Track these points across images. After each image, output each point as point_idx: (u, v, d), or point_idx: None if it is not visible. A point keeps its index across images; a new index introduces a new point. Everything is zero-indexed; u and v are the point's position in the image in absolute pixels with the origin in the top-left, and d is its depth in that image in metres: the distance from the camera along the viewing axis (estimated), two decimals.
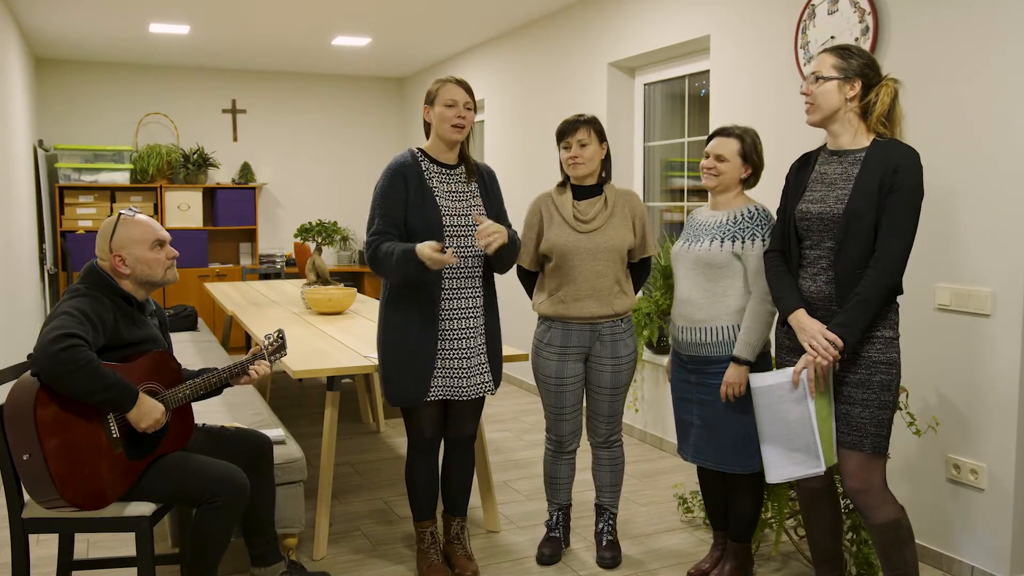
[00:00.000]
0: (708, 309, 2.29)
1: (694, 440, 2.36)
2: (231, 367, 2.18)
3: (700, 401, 2.34)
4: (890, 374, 1.97)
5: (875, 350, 1.97)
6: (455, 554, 2.54)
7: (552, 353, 2.53)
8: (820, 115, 2.02)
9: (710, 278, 2.29)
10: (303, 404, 4.69)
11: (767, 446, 2.10)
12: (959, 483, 2.49)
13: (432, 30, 5.12)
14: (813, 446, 2.00)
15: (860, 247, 1.94)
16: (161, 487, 2.00)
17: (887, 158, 1.93)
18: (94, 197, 5.94)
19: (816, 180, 2.06)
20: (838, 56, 2.00)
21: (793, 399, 2.01)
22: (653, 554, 2.68)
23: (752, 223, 2.27)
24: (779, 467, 2.07)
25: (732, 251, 2.26)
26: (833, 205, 1.98)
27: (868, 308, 1.91)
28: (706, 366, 2.32)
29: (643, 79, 4.14)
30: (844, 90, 1.98)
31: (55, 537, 2.70)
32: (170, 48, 5.67)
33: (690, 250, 2.33)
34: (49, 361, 1.79)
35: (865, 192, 1.93)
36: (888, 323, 1.98)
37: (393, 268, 2.25)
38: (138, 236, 2.06)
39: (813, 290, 2.02)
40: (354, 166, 7.03)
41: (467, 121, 2.34)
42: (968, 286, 2.44)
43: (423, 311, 2.32)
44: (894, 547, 2.00)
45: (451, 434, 2.50)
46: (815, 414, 1.99)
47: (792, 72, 3.06)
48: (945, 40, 2.49)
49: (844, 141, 2.03)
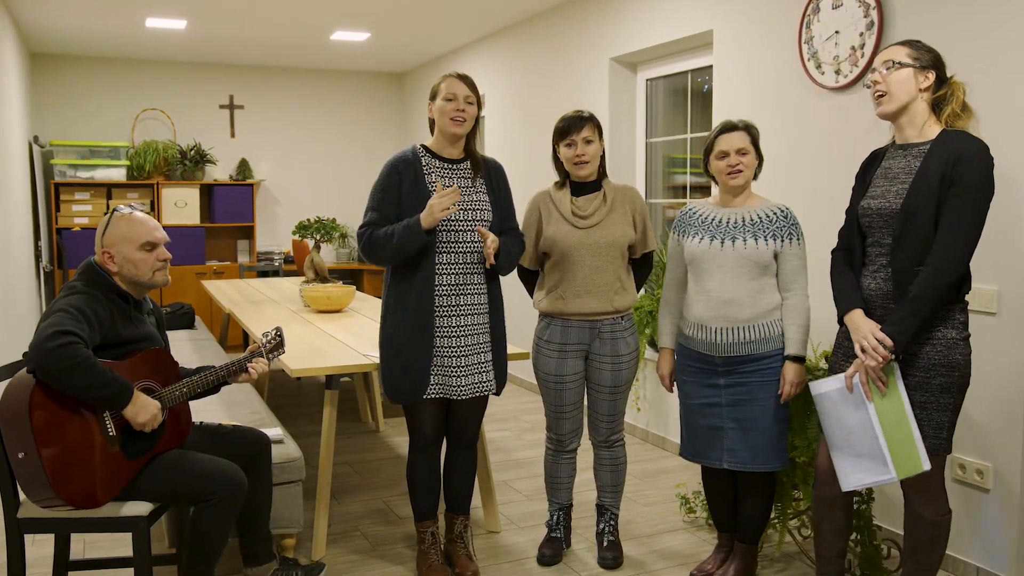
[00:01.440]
0: (753, 308, 2.25)
1: (728, 445, 2.30)
2: (228, 365, 2.17)
3: (733, 403, 2.29)
4: (951, 377, 1.89)
5: (936, 352, 1.89)
6: (457, 554, 2.52)
7: (552, 350, 2.51)
8: (895, 104, 1.92)
9: (753, 276, 2.26)
10: (302, 403, 4.68)
11: (835, 453, 2.02)
12: (964, 483, 2.47)
13: (432, 25, 5.09)
14: (879, 453, 1.92)
15: (918, 243, 1.86)
16: (158, 485, 1.99)
17: (950, 150, 1.85)
18: (90, 194, 5.90)
19: (880, 175, 2.00)
20: (910, 47, 1.93)
21: (852, 404, 1.96)
22: (655, 555, 2.67)
23: (787, 222, 2.28)
24: (848, 475, 1.99)
25: (774, 249, 2.26)
26: (892, 200, 1.92)
27: (921, 307, 1.84)
28: (742, 365, 2.27)
29: (645, 74, 4.12)
30: (918, 79, 1.91)
31: (51, 537, 2.68)
32: (167, 43, 5.64)
33: (727, 248, 2.26)
34: (45, 358, 1.78)
35: (925, 185, 1.85)
36: (952, 323, 1.89)
37: (395, 246, 2.23)
38: (129, 235, 2.05)
39: (873, 288, 1.97)
40: (353, 163, 6.99)
41: (467, 115, 2.31)
42: (973, 284, 2.41)
43: (419, 308, 2.30)
44: (929, 544, 1.98)
45: (453, 434, 2.48)
46: (877, 419, 1.92)
47: (796, 67, 3.04)
48: (952, 36, 2.47)
49: (911, 134, 1.95)
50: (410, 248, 2.25)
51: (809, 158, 2.99)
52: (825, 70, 2.89)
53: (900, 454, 1.91)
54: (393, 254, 2.26)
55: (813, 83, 2.95)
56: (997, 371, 2.38)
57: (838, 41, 2.83)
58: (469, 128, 2.34)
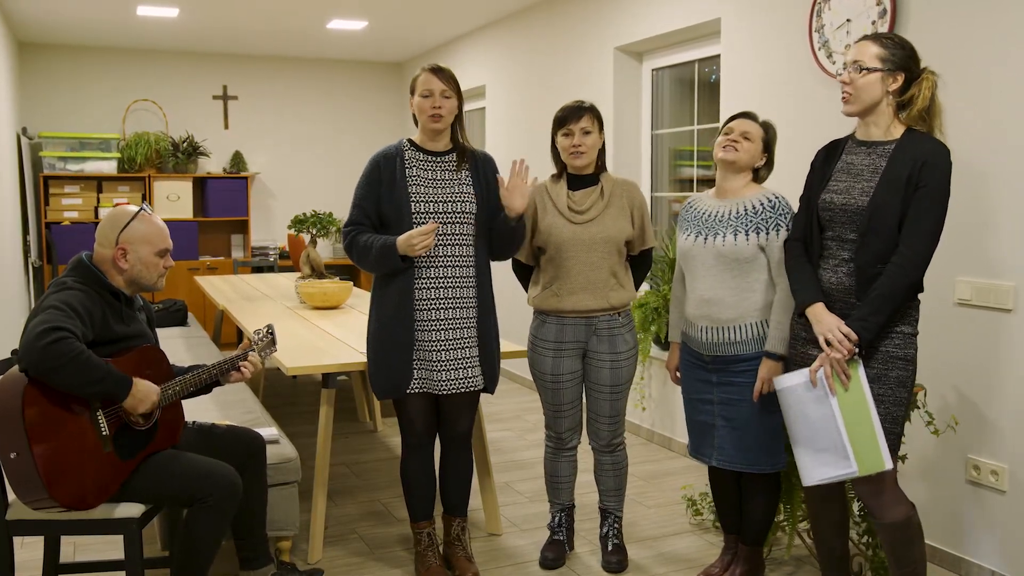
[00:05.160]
0: (736, 307, 2.21)
1: (717, 443, 2.29)
2: (221, 363, 2.16)
3: (724, 401, 2.27)
4: (907, 370, 1.96)
5: (893, 345, 1.95)
6: (455, 556, 2.49)
7: (547, 348, 2.47)
8: (859, 107, 1.97)
9: (736, 274, 2.21)
10: (297, 402, 4.64)
11: (798, 449, 2.06)
12: (979, 484, 2.44)
13: (431, 13, 5.04)
14: (841, 446, 1.95)
15: (883, 241, 1.92)
16: (151, 486, 1.98)
17: (916, 152, 1.90)
18: (80, 187, 5.82)
19: (842, 170, 2.03)
20: (881, 46, 1.95)
21: (814, 398, 1.99)
22: (661, 558, 2.63)
23: (775, 213, 2.21)
24: (809, 469, 2.02)
25: (757, 243, 2.20)
26: (858, 197, 1.96)
27: (887, 304, 1.89)
28: (731, 365, 2.24)
29: (651, 64, 4.08)
30: (887, 82, 1.95)
31: (40, 540, 2.64)
32: (159, 32, 5.58)
33: (708, 245, 2.24)
34: (39, 356, 1.76)
35: (891, 186, 1.90)
36: (908, 319, 1.96)
37: (374, 261, 2.28)
38: (149, 236, 2.05)
39: (833, 281, 2.00)
40: (350, 155, 6.92)
41: (444, 110, 2.29)
42: (990, 280, 2.39)
43: (399, 301, 2.30)
44: (904, 545, 1.99)
45: (445, 431, 2.46)
46: (840, 413, 1.95)
47: (806, 56, 2.98)
48: (968, 23, 2.41)
49: (876, 132, 1.99)
50: (386, 268, 2.29)
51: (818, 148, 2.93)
52: (836, 59, 2.85)
53: (862, 449, 1.93)
54: (371, 266, 2.32)
55: (824, 73, 2.90)
56: (1013, 369, 2.34)
57: (849, 30, 2.79)
58: (448, 122, 2.32)
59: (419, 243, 2.19)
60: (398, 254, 2.23)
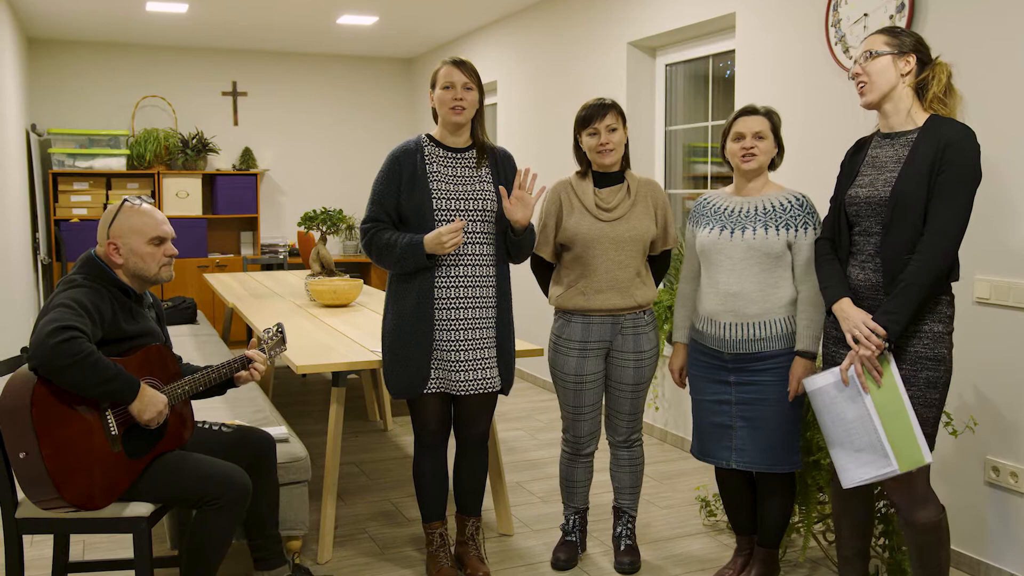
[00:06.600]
0: (763, 302, 2.19)
1: (737, 444, 2.25)
2: (230, 362, 2.15)
3: (744, 401, 2.23)
4: (937, 371, 1.91)
5: (922, 345, 1.90)
6: (468, 556, 2.48)
7: (572, 349, 2.43)
8: (877, 93, 1.94)
9: (764, 268, 2.19)
10: (307, 401, 4.63)
11: (834, 450, 2.02)
12: (998, 486, 2.40)
13: (442, 8, 5.02)
14: (879, 445, 1.91)
15: (908, 232, 1.87)
16: (160, 487, 1.97)
17: (939, 137, 1.86)
18: (89, 184, 5.83)
19: (867, 164, 2.01)
20: (888, 34, 1.97)
21: (847, 397, 1.95)
22: (673, 559, 2.61)
23: (803, 211, 2.20)
24: (849, 471, 1.98)
25: (787, 239, 2.18)
26: (881, 188, 1.93)
27: (913, 294, 1.84)
28: (752, 363, 2.21)
29: (665, 59, 4.04)
30: (899, 65, 1.93)
31: (50, 538, 2.65)
32: (168, 28, 5.58)
33: (736, 239, 2.21)
34: (48, 355, 1.76)
35: (914, 173, 1.86)
36: (937, 316, 1.91)
37: (398, 259, 2.23)
38: (138, 227, 2.02)
39: (861, 278, 1.97)
40: (360, 151, 6.90)
41: (466, 103, 2.26)
42: (1009, 278, 2.36)
43: (418, 300, 2.26)
44: (931, 548, 1.95)
45: (461, 432, 2.44)
46: (875, 410, 1.91)
47: (823, 52, 2.94)
48: (988, 16, 2.37)
49: (896, 122, 1.97)
50: (410, 266, 2.24)
51: (835, 145, 2.90)
52: (853, 55, 2.81)
53: (900, 446, 1.89)
54: (393, 265, 2.27)
55: (840, 68, 2.86)
56: None
57: (866, 24, 2.75)
58: (470, 116, 2.30)
59: (449, 241, 2.16)
60: (425, 252, 2.20)
